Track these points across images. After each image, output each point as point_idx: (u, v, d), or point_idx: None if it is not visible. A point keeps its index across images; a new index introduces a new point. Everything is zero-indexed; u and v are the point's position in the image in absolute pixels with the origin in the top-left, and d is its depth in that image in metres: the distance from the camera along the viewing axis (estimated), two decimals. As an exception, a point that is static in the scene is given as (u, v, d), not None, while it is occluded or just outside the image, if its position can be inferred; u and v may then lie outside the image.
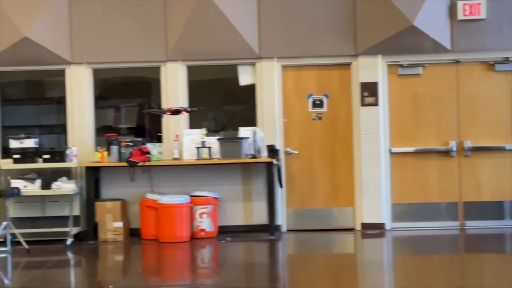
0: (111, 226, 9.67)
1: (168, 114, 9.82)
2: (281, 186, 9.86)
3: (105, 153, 9.77)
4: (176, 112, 9.78)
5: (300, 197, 10.17)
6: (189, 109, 9.86)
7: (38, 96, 10.88)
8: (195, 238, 9.61)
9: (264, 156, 9.83)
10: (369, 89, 9.97)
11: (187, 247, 9.33)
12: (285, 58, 10.11)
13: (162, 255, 9.12)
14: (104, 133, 10.11)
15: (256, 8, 10.01)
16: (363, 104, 10.00)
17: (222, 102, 10.75)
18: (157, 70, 10.21)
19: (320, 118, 10.13)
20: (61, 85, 10.29)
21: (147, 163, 9.69)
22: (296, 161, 10.14)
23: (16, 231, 9.20)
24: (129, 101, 10.73)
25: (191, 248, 9.31)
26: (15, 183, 9.56)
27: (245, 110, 10.46)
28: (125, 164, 9.68)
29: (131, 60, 10.15)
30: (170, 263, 8.92)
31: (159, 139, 10.18)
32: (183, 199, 9.57)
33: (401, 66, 10.04)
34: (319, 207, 10.14)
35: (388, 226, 10.05)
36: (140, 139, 9.96)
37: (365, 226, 10.01)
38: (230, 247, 9.32)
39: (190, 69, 10.22)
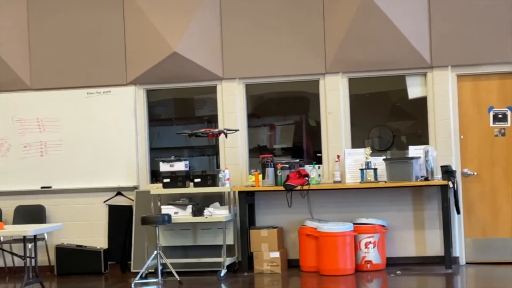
0: (268, 256, 9.47)
1: (216, 136, 9.72)
2: (458, 212, 9.29)
3: (260, 176, 9.60)
4: (219, 134, 9.63)
5: (481, 225, 9.55)
6: (225, 131, 9.64)
7: (188, 115, 11.06)
8: (360, 271, 9.24)
9: (437, 178, 9.29)
10: (562, 100, 9.27)
11: (352, 281, 8.96)
12: (460, 67, 9.57)
13: (324, 290, 8.86)
14: (258, 154, 10.01)
15: (426, 10, 9.53)
16: (555, 117, 9.34)
17: (388, 117, 10.45)
18: (315, 84, 9.97)
19: (503, 134, 9.52)
20: (212, 102, 10.33)
21: (305, 187, 9.43)
22: (476, 183, 9.54)
23: (167, 261, 9.17)
24: (284, 119, 10.65)
25: (357, 282, 8.93)
26: (166, 209, 9.58)
27: (414, 126, 10.12)
28: (281, 188, 9.48)
29: (286, 74, 9.98)
30: (333, 299, 8.66)
31: (318, 160, 9.92)
32: (346, 227, 9.21)
33: None
34: (503, 236, 9.46)
35: None
36: (297, 160, 9.81)
37: (560, 259, 9.24)
38: (401, 281, 8.85)
39: (351, 81, 9.90)
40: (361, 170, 9.41)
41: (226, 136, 9.70)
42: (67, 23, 10.25)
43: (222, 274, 9.28)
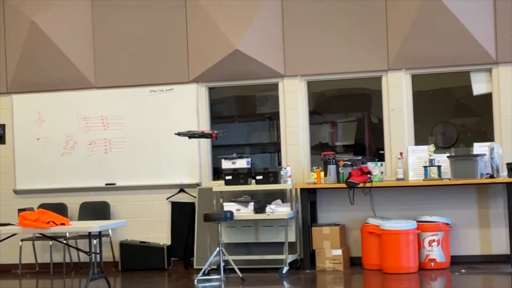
0: (330, 254, 9.45)
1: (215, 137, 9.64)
2: (524, 210, 9.12)
3: (322, 174, 9.59)
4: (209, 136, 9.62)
5: (548, 224, 9.31)
6: (215, 132, 9.63)
7: (249, 112, 11.12)
8: (423, 269, 9.14)
9: (503, 176, 9.14)
10: None
11: (415, 279, 8.87)
12: (527, 62, 9.41)
13: (387, 288, 8.78)
14: (320, 151, 9.98)
15: (491, 5, 9.41)
16: None
17: (452, 114, 10.37)
18: (377, 80, 9.91)
19: None
20: (273, 100, 10.33)
21: (368, 184, 9.39)
22: (543, 181, 9.31)
23: (230, 257, 9.21)
24: (346, 116, 10.64)
25: (420, 280, 8.84)
26: (228, 206, 9.61)
27: (479, 123, 10.04)
28: (343, 185, 9.45)
29: (348, 71, 9.95)
30: (396, 297, 8.58)
31: (380, 158, 9.86)
32: (409, 224, 9.13)
33: None
34: None
35: None
36: (359, 157, 9.75)
37: None
38: (466, 280, 8.77)
39: (415, 78, 9.82)
40: (425, 167, 9.33)
41: (215, 138, 9.63)
42: (131, 22, 10.35)
43: (284, 271, 9.27)
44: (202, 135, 9.66)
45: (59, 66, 10.44)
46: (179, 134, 9.69)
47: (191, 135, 9.62)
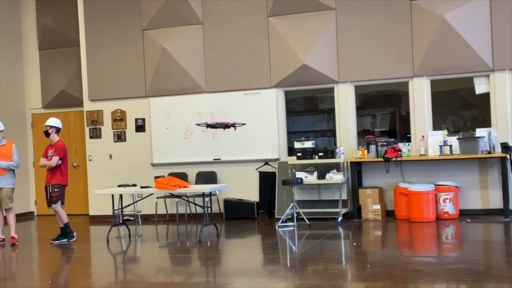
0: (371, 208, 9.49)
1: (236, 127, 9.24)
2: (514, 177, 9.02)
3: (365, 151, 9.63)
4: (231, 126, 9.20)
5: (532, 185, 9.13)
6: (235, 124, 9.28)
7: (313, 108, 10.99)
8: (439, 219, 9.14)
9: (498, 152, 9.11)
10: None
11: (433, 226, 8.85)
12: (515, 70, 9.20)
13: (413, 232, 8.71)
14: (364, 135, 9.96)
15: (489, 27, 9.29)
16: None
17: (460, 108, 10.10)
18: (405, 84, 9.85)
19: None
20: (330, 99, 10.25)
21: (399, 159, 9.41)
22: (526, 156, 9.11)
23: (300, 210, 9.33)
24: (382, 110, 10.49)
25: (437, 227, 8.81)
26: (299, 174, 9.68)
27: (480, 114, 9.77)
28: (381, 159, 9.47)
29: (384, 78, 9.85)
30: (420, 238, 8.46)
31: (408, 139, 9.85)
32: (429, 187, 9.15)
33: None
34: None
35: None
36: (392, 139, 9.71)
37: None
38: (470, 227, 8.71)
39: (432, 82, 9.72)
40: (440, 146, 9.27)
41: (235, 129, 9.29)
42: (230, 44, 10.34)
43: (338, 220, 9.33)
44: (223, 125, 9.36)
45: (184, 77, 10.44)
46: (198, 124, 9.49)
47: (208, 125, 9.29)
